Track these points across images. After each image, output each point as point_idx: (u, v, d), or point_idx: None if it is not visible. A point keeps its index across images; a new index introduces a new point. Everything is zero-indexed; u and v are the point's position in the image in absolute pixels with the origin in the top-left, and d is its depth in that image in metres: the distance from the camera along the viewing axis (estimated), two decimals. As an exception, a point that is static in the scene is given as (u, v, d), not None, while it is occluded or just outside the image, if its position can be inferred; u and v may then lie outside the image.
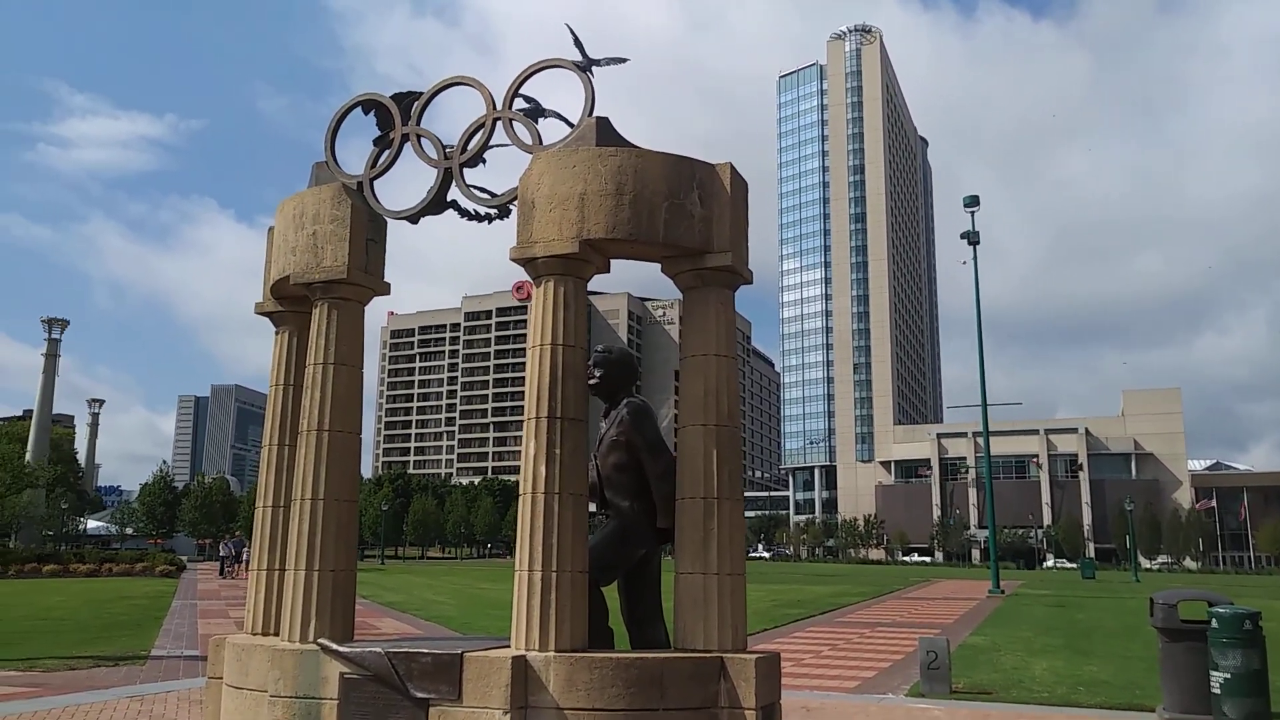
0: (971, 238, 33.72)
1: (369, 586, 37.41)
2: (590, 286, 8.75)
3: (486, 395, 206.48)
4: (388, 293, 7.49)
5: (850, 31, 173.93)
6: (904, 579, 52.53)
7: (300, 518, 6.85)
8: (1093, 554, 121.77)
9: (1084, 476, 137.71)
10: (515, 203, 7.06)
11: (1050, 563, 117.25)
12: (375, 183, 7.47)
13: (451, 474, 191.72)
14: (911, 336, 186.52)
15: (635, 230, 6.48)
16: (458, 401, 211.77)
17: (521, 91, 7.17)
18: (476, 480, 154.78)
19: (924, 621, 22.89)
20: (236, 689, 6.93)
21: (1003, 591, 34.30)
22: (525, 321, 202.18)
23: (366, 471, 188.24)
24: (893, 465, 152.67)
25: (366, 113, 7.69)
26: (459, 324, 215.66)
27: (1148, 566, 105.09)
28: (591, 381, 7.02)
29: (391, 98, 7.55)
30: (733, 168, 6.87)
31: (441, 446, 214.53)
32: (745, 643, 6.44)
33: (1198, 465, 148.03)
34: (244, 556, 40.91)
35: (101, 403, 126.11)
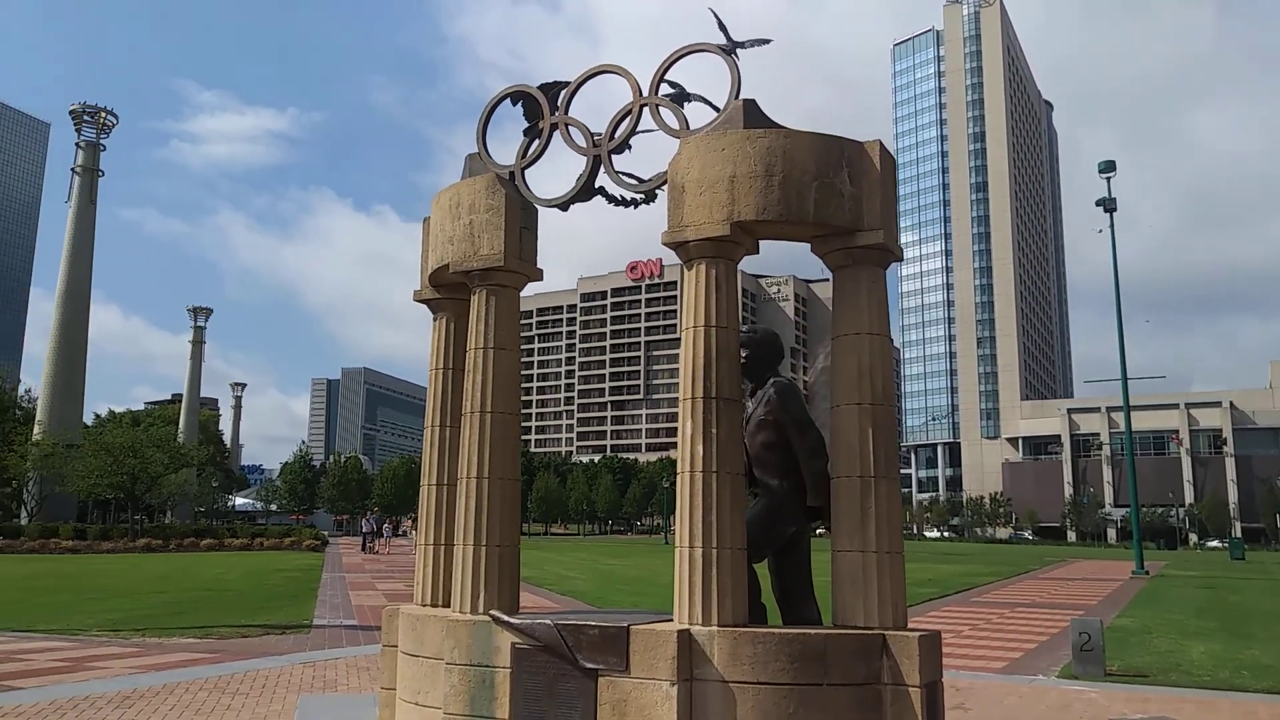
0: (1107, 204, 32.27)
1: (500, 562, 38.60)
2: None
3: (604, 375, 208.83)
4: (541, 279, 7.74)
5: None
6: (1038, 559, 51.01)
7: (467, 496, 7.18)
8: (1239, 534, 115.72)
9: (1229, 452, 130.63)
10: (663, 187, 7.22)
11: (1194, 542, 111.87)
12: (525, 172, 7.72)
13: (571, 452, 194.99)
14: (1038, 308, 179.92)
15: (785, 211, 6.53)
16: (575, 381, 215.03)
17: (666, 77, 7.29)
18: (596, 458, 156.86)
19: (1065, 603, 22.27)
20: (412, 656, 7.34)
21: (1147, 573, 32.99)
22: (639, 301, 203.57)
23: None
24: (1020, 442, 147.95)
25: (514, 104, 7.93)
26: (575, 305, 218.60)
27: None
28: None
29: (539, 88, 7.77)
30: (881, 145, 6.84)
31: (561, 425, 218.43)
32: (905, 620, 6.46)
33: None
34: (384, 532, 42.63)
35: (244, 386, 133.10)
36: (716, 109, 7.12)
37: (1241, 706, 9.52)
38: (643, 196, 7.41)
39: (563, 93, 7.67)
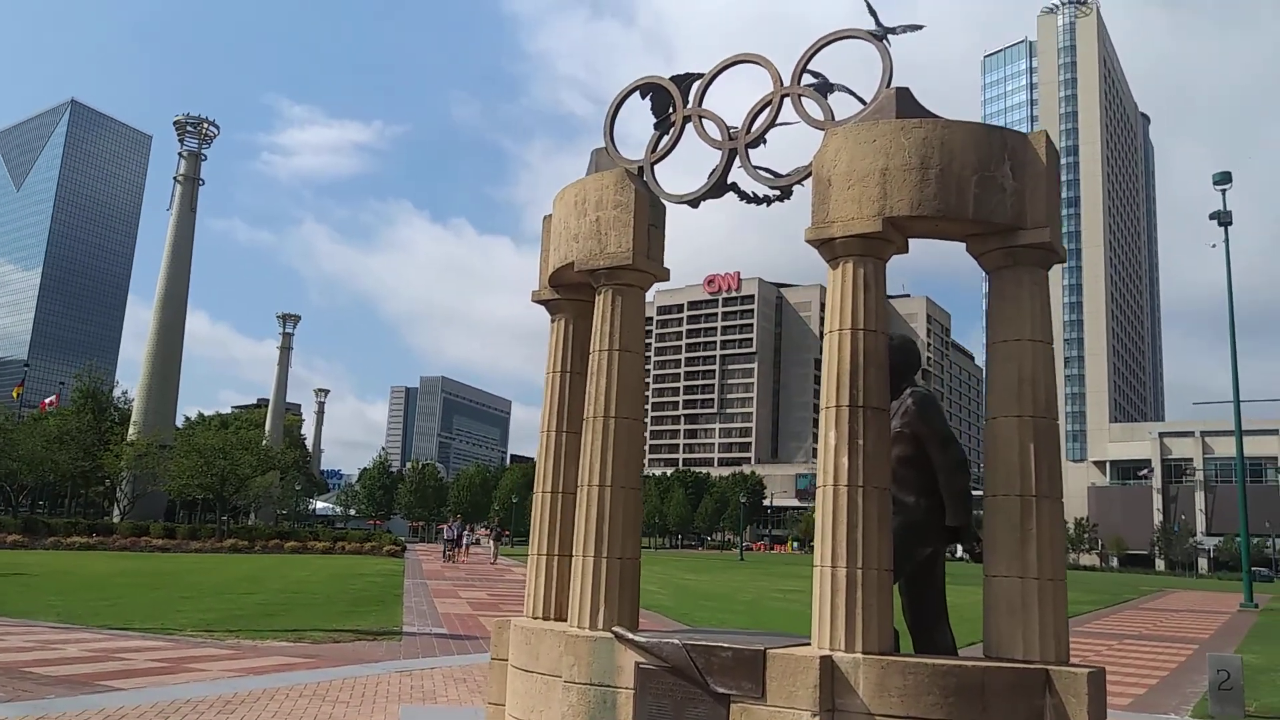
0: (1222, 218, 30.77)
1: (579, 573, 38.35)
2: (783, 278, 8.38)
3: (678, 388, 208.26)
4: (668, 279, 7.38)
5: (1063, 4, 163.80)
6: (1133, 588, 48.96)
7: (588, 504, 6.82)
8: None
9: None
10: (802, 182, 6.81)
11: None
12: (654, 167, 7.36)
13: (643, 465, 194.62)
14: (1130, 328, 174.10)
15: (943, 206, 6.05)
16: (650, 394, 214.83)
17: (809, 67, 6.87)
18: (668, 471, 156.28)
19: (1176, 636, 21.08)
20: (525, 671, 6.99)
21: (1256, 605, 31.27)
22: (715, 315, 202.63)
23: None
24: (1108, 465, 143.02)
25: (644, 97, 7.59)
26: (651, 318, 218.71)
27: None
28: None
29: (671, 79, 7.42)
30: (1048, 137, 6.33)
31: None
32: (1068, 654, 5.90)
33: None
34: (463, 540, 42.62)
35: (327, 392, 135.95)
36: (862, 100, 6.68)
37: None
38: (778, 193, 7.00)
39: (696, 84, 7.31)
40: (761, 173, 6.90)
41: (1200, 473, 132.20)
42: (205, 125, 74.02)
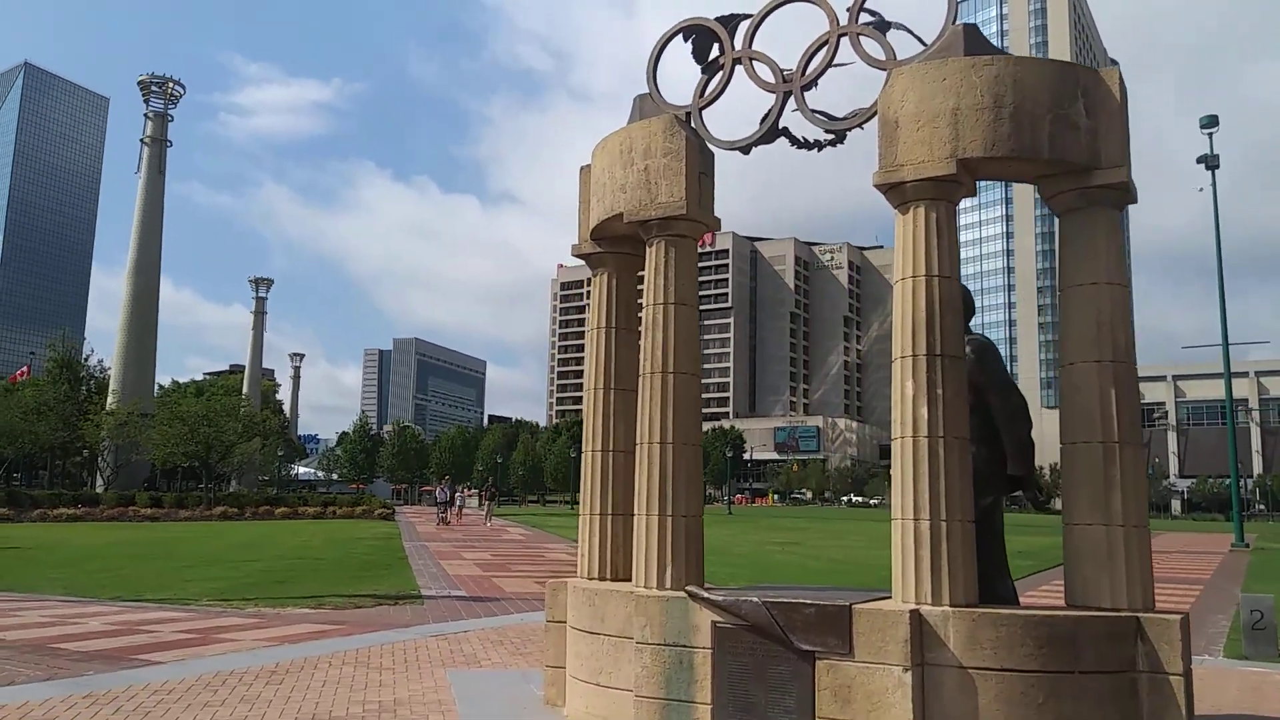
0: (1209, 162, 30.79)
1: (574, 531, 38.36)
2: (755, 231, 8.24)
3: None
4: (719, 228, 7.17)
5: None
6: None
7: (650, 462, 6.66)
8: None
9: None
10: (862, 125, 6.60)
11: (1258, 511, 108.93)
12: (703, 112, 7.11)
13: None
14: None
15: (1017, 146, 5.87)
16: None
17: (866, 5, 6.62)
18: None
19: (1178, 576, 21.36)
20: (590, 633, 6.86)
21: (1247, 545, 31.79)
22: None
23: (541, 419, 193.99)
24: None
25: (686, 40, 7.32)
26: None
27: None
28: None
29: (716, 19, 7.15)
30: (1120, 74, 6.13)
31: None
32: (1154, 601, 5.83)
33: None
34: (457, 501, 42.40)
35: (302, 356, 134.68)
36: (921, 40, 6.46)
37: None
38: (831, 137, 6.78)
39: (744, 24, 7.04)
40: (820, 116, 6.67)
41: (1172, 415, 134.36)
42: (171, 85, 72.28)
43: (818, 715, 5.64)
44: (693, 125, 7.01)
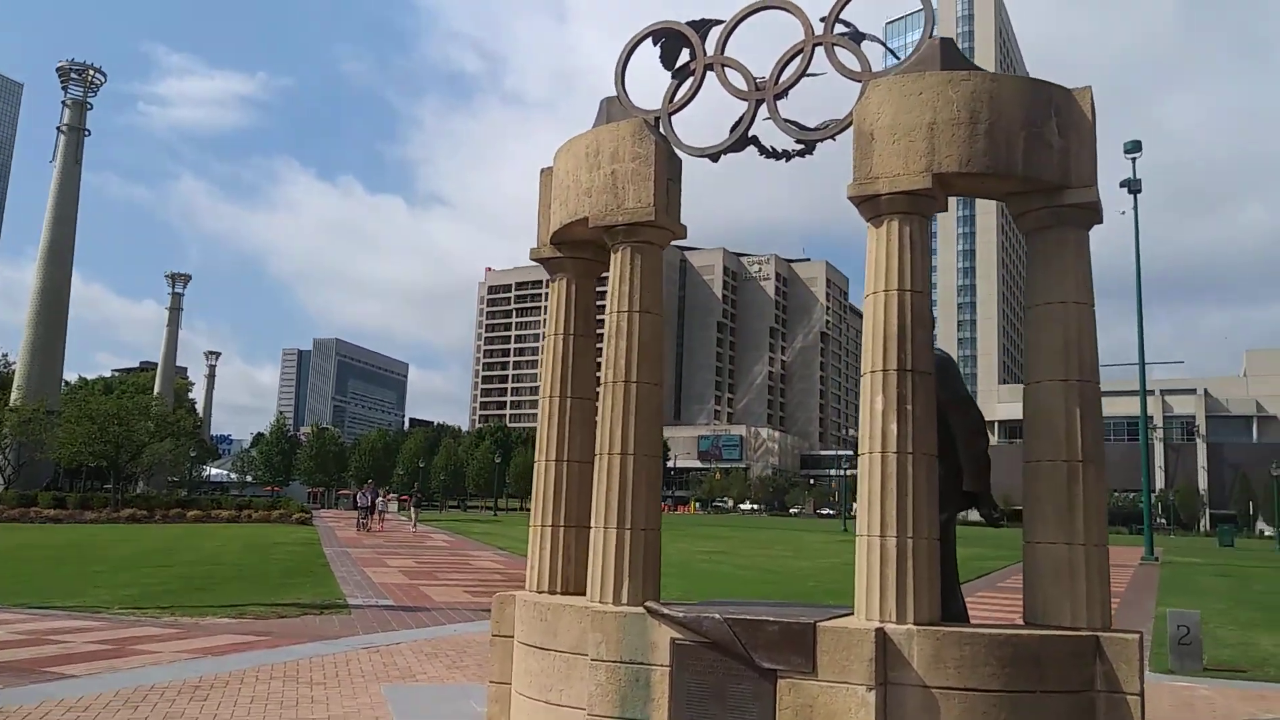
0: (1132, 185, 31.84)
1: (501, 538, 37.85)
2: (685, 241, 8.25)
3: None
4: (685, 236, 7.02)
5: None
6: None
7: (610, 473, 6.47)
8: (1209, 521, 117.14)
9: (1200, 439, 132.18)
10: (834, 137, 6.55)
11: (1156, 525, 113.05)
12: (672, 118, 6.96)
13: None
14: (1021, 291, 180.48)
15: (992, 163, 5.85)
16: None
17: (841, 15, 6.55)
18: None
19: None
20: (540, 649, 6.63)
21: (1156, 559, 32.83)
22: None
23: (464, 424, 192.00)
24: (997, 425, 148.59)
25: (655, 43, 7.17)
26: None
27: (1269, 534, 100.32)
28: None
29: (688, 24, 7.01)
30: (1091, 94, 6.17)
31: (536, 402, 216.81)
32: (1111, 620, 5.85)
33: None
34: (379, 507, 41.35)
35: (218, 355, 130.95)
36: (894, 52, 6.45)
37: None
38: (801, 147, 6.69)
39: (716, 29, 6.92)
40: (792, 125, 6.58)
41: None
42: (91, 72, 69.57)
43: (779, 735, 5.51)
44: (661, 130, 6.86)
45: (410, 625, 12.34)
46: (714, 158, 6.87)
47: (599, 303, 7.69)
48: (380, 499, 44.76)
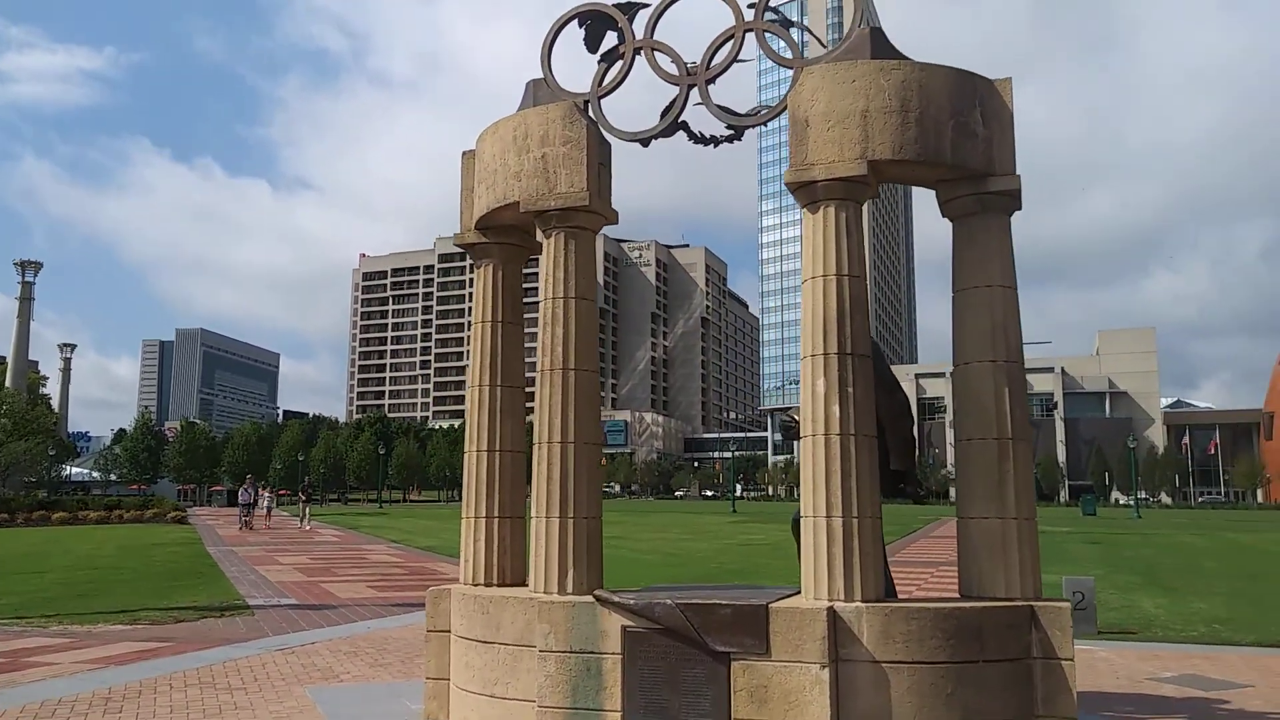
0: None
1: (391, 530, 37.10)
2: None
3: (462, 338, 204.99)
4: (616, 221, 6.97)
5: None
6: (913, 517, 52.93)
7: (549, 462, 6.40)
8: (1068, 492, 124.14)
9: (1059, 415, 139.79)
10: (765, 123, 6.65)
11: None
12: (601, 102, 6.90)
13: (428, 417, 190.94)
14: (889, 281, 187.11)
15: (922, 151, 6.01)
16: (432, 345, 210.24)
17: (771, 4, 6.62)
18: (456, 424, 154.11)
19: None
20: (482, 643, 6.52)
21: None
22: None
23: (340, 414, 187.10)
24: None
25: (581, 25, 7.09)
26: (433, 265, 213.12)
27: (1124, 502, 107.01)
28: None
29: (615, 7, 6.96)
30: (1011, 85, 6.39)
31: (416, 390, 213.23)
32: (1041, 590, 6.13)
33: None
34: (260, 503, 39.87)
35: (73, 348, 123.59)
36: (820, 40, 6.54)
37: (1255, 662, 9.74)
38: (730, 133, 6.75)
39: (645, 14, 6.88)
40: (723, 111, 6.61)
41: (950, 410, 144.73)
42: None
43: (733, 717, 5.57)
44: (591, 114, 6.79)
45: (320, 624, 11.97)
46: (645, 143, 6.84)
47: (526, 285, 7.61)
48: (270, 495, 43.17)
